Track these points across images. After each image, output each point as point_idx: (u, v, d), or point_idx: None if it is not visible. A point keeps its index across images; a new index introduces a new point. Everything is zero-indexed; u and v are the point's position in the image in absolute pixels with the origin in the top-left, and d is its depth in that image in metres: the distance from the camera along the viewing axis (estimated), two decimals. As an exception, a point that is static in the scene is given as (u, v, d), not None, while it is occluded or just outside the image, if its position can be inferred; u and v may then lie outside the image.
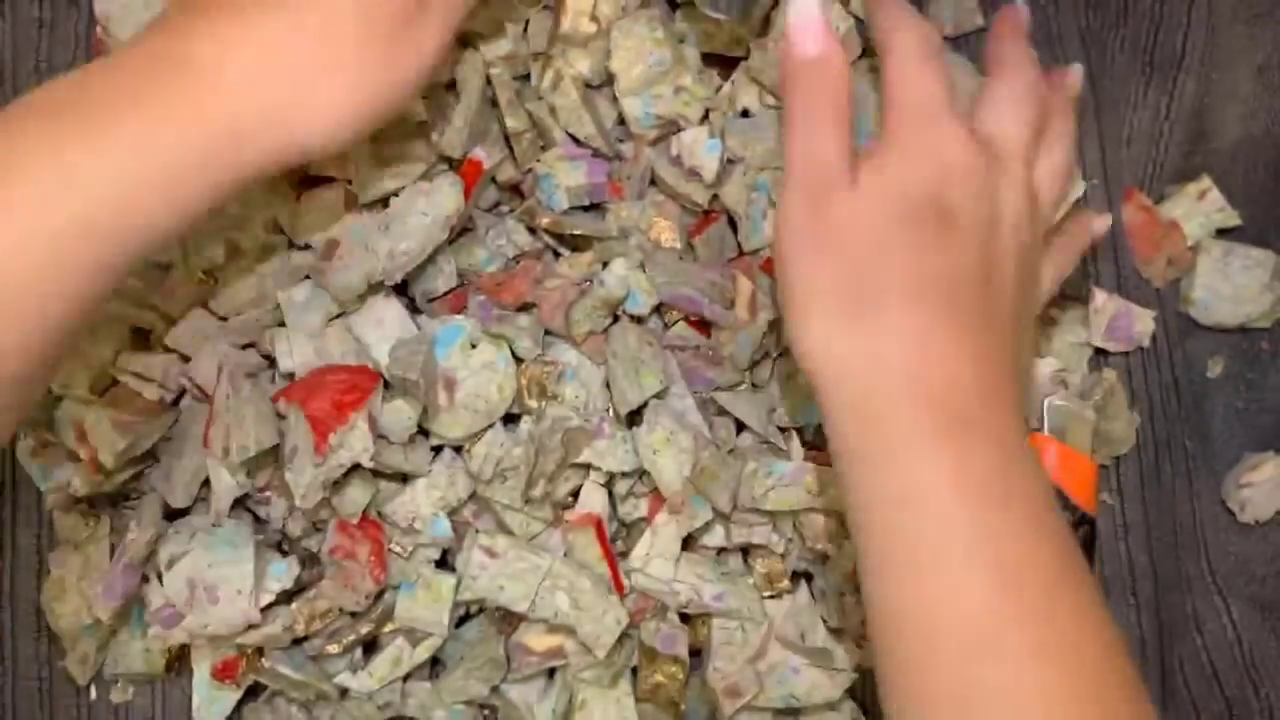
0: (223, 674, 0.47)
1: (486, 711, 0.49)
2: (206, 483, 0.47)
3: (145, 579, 0.47)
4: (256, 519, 0.48)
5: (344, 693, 0.48)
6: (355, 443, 0.43)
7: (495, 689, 0.48)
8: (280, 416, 0.45)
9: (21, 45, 0.51)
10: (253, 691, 0.49)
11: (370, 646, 0.49)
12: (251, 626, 0.45)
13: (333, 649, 0.47)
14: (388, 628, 0.48)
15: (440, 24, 0.38)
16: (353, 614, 0.47)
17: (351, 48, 0.36)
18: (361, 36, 0.36)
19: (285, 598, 0.47)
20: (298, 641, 0.48)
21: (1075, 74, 0.44)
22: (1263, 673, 0.51)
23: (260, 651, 0.47)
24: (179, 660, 0.49)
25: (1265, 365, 0.54)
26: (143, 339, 0.48)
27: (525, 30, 0.48)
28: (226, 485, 0.45)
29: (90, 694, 0.50)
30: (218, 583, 0.44)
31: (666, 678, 0.48)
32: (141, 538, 0.45)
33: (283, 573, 0.46)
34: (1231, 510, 0.52)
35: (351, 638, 0.47)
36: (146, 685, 0.50)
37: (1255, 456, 0.52)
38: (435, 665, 0.50)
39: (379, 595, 0.47)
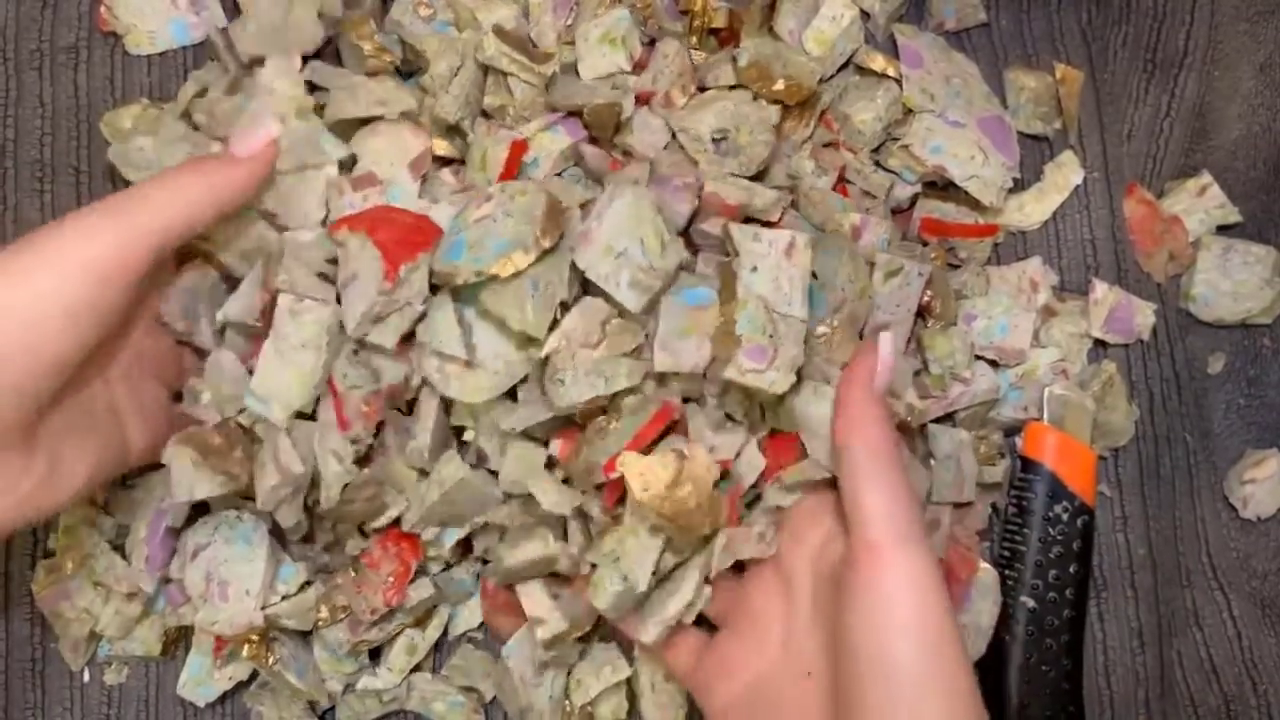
0: (221, 649, 0.47)
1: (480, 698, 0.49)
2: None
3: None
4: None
5: (346, 688, 0.48)
6: (416, 282, 0.41)
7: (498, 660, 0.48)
8: (337, 244, 0.42)
9: (24, 25, 0.51)
10: (255, 673, 0.49)
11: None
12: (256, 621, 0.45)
13: (365, 642, 0.46)
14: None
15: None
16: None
17: None
18: None
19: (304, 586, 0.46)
20: (306, 634, 0.47)
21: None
22: (1261, 670, 0.51)
23: (267, 638, 0.46)
24: (176, 644, 0.49)
25: (1266, 362, 0.53)
26: None
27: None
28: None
29: (83, 676, 0.49)
30: (230, 579, 0.44)
31: None
32: (177, 503, 0.43)
33: (290, 577, 0.46)
34: (1233, 506, 0.52)
35: (375, 634, 0.47)
36: (141, 667, 0.50)
37: (1258, 453, 0.52)
38: (439, 653, 0.50)
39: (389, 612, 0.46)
